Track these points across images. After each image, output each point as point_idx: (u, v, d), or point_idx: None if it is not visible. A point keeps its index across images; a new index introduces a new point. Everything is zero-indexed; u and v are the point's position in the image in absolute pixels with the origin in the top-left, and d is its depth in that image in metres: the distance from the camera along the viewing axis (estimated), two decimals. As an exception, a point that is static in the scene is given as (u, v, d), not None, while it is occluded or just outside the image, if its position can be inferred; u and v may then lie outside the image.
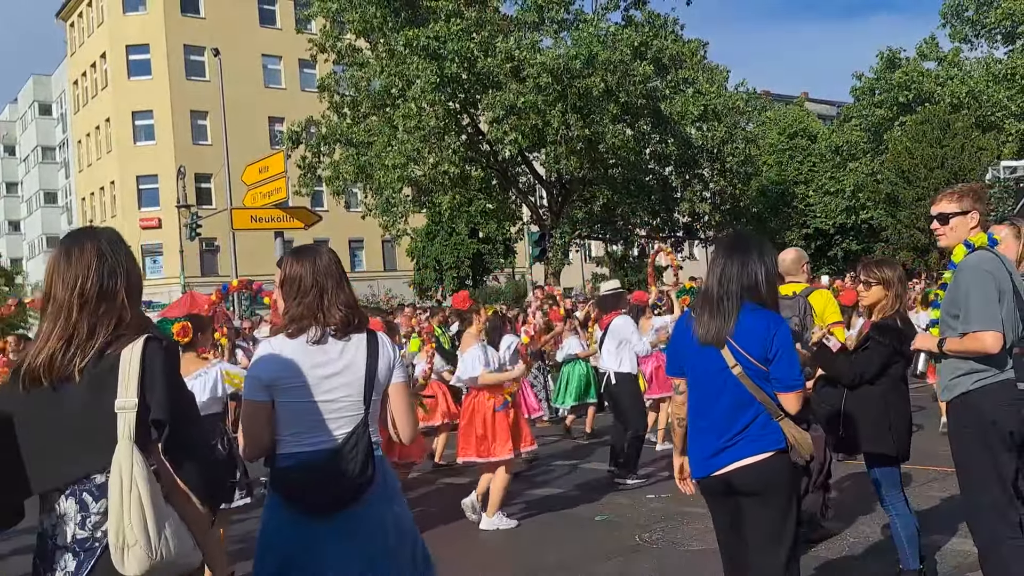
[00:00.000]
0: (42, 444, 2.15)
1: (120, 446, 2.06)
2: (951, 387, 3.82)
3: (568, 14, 24.43)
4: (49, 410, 2.14)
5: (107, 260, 2.22)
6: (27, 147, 61.73)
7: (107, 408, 2.10)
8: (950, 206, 3.93)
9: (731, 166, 27.28)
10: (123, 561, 2.03)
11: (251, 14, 43.61)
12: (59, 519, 2.14)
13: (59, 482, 2.15)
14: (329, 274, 2.85)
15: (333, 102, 25.17)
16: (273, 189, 12.11)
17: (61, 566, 2.13)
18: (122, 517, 2.03)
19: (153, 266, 41.44)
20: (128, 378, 2.11)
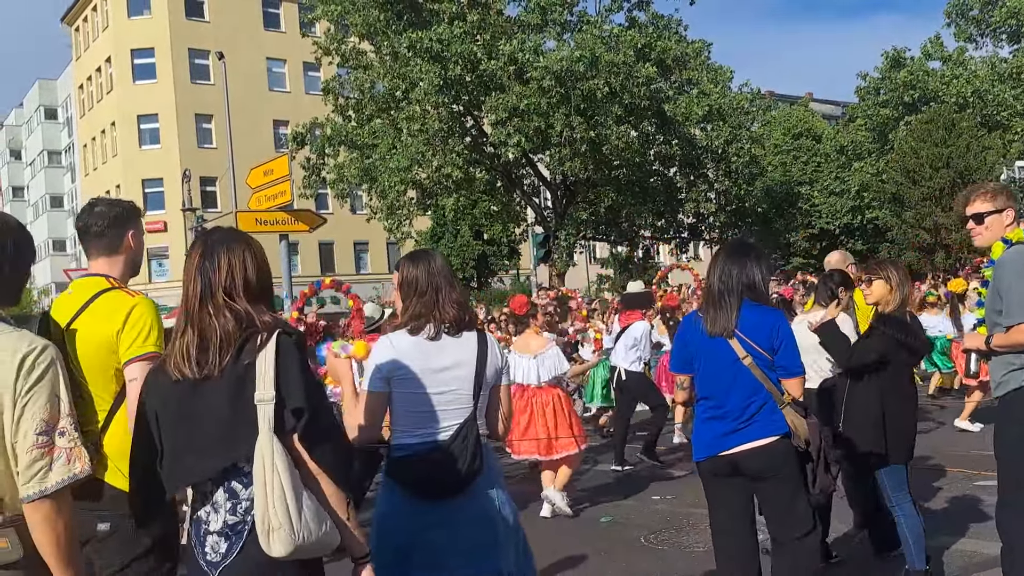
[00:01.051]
0: (193, 437, 2.28)
1: (261, 436, 2.19)
2: (1003, 383, 3.78)
3: (571, 16, 24.45)
4: (196, 405, 2.27)
5: (248, 264, 2.37)
6: (33, 151, 61.94)
7: (249, 401, 2.23)
8: (985, 205, 3.92)
9: (736, 167, 27.23)
10: (269, 544, 2.16)
11: (255, 18, 43.73)
12: (212, 507, 2.29)
13: (209, 473, 2.28)
14: (443, 275, 3.05)
15: (337, 105, 25.22)
16: (278, 192, 12.13)
17: (214, 548, 2.28)
18: (266, 502, 2.16)
19: (159, 269, 41.56)
20: (265, 372, 2.23)
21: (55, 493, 2.08)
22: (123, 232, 3.00)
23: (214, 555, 2.27)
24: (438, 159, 22.76)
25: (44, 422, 2.11)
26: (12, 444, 2.07)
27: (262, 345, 2.26)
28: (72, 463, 2.13)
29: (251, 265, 2.36)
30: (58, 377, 2.16)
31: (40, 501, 2.06)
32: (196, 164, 38.55)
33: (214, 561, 2.27)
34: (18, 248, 2.36)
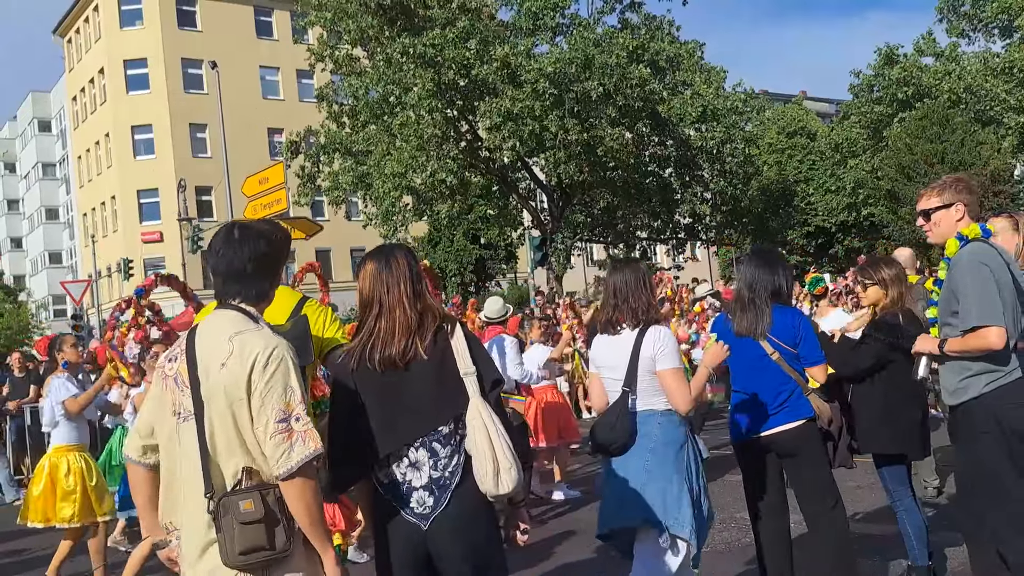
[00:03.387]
0: (399, 411, 2.77)
1: (473, 401, 2.74)
2: (961, 390, 3.61)
3: (563, 19, 24.46)
4: (405, 384, 2.78)
5: (413, 268, 2.89)
6: (27, 164, 61.83)
7: (449, 376, 2.77)
8: (932, 200, 3.80)
9: (731, 167, 27.25)
10: (497, 483, 2.67)
11: (248, 26, 43.73)
12: (411, 467, 2.76)
13: (416, 436, 2.76)
14: (629, 283, 3.80)
15: (331, 111, 25.21)
16: (274, 200, 12.16)
17: (419, 502, 2.74)
18: (493, 451, 2.68)
19: (156, 280, 41.48)
20: (462, 352, 2.80)
21: (300, 469, 2.42)
22: None
23: (421, 508, 2.74)
24: (433, 164, 22.76)
25: (281, 411, 2.43)
26: (255, 430, 2.44)
27: (451, 331, 2.83)
28: (307, 443, 2.45)
29: (416, 267, 2.91)
30: (289, 371, 2.47)
31: (290, 478, 2.42)
32: (191, 174, 38.51)
33: (423, 513, 2.74)
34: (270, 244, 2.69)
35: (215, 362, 2.46)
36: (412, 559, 2.77)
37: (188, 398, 2.49)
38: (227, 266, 2.59)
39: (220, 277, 2.61)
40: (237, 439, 2.45)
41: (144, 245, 40.85)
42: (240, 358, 2.43)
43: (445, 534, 2.72)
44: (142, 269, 39.66)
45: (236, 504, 2.38)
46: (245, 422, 2.44)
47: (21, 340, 40.88)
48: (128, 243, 40.78)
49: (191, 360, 2.51)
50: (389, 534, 2.79)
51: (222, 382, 2.44)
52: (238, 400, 2.43)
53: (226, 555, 2.38)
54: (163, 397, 2.60)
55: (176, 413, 2.54)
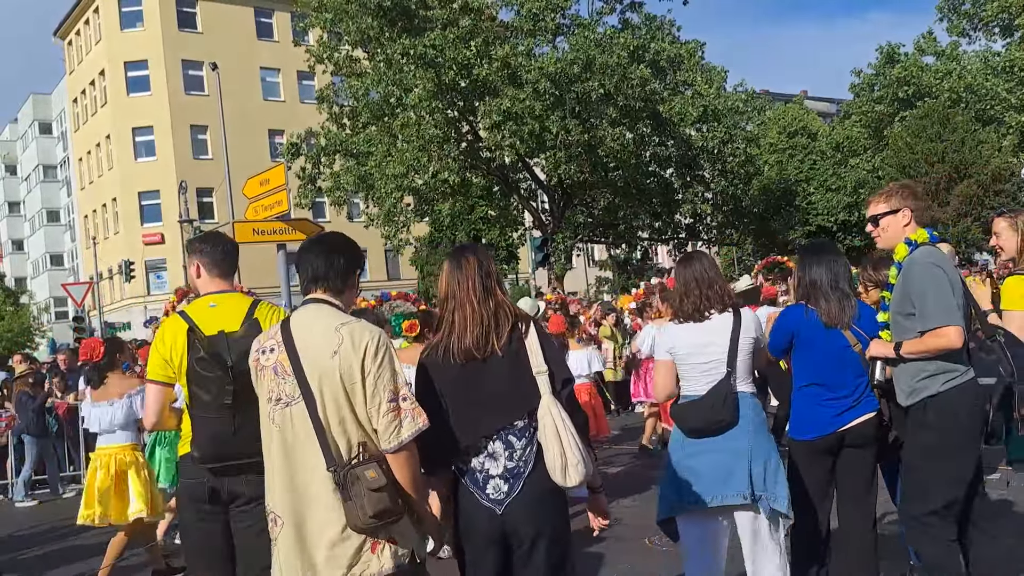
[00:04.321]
0: (478, 404, 2.96)
1: (544, 398, 2.92)
2: (919, 389, 3.68)
3: (564, 19, 24.46)
4: (482, 379, 2.97)
5: (483, 266, 3.07)
6: (28, 166, 61.91)
7: (523, 373, 2.95)
8: (879, 207, 3.89)
9: (732, 167, 27.26)
10: (566, 475, 2.87)
11: (248, 28, 43.75)
12: (488, 457, 2.98)
13: (493, 430, 2.96)
14: (705, 272, 3.88)
15: (332, 113, 25.22)
16: (275, 202, 12.10)
17: (495, 489, 2.96)
18: (562, 445, 2.87)
19: (157, 281, 41.49)
20: (535, 351, 2.97)
21: (408, 443, 2.73)
22: None
23: (497, 494, 2.96)
24: (434, 165, 22.76)
25: (391, 392, 2.73)
26: (367, 409, 2.73)
27: (526, 330, 3.00)
28: (415, 419, 2.75)
29: (488, 265, 3.10)
30: (394, 357, 2.78)
31: (399, 451, 2.72)
32: (192, 175, 38.54)
33: (498, 499, 2.96)
34: (344, 249, 3.04)
35: (325, 351, 2.75)
36: (488, 541, 2.99)
37: (291, 385, 2.78)
38: (313, 268, 2.95)
39: (308, 276, 2.96)
40: (351, 417, 2.75)
41: (145, 247, 40.86)
42: (353, 346, 2.73)
43: (519, 519, 2.95)
44: (143, 271, 39.69)
45: (363, 474, 2.66)
46: (359, 402, 2.73)
47: (23, 343, 40.90)
48: (129, 245, 40.80)
49: (291, 350, 2.80)
50: (467, 518, 3.02)
51: (336, 368, 2.73)
52: (351, 384, 2.73)
53: (357, 519, 2.67)
54: (259, 386, 2.90)
55: (275, 400, 2.82)
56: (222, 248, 3.82)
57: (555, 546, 2.98)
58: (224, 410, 3.33)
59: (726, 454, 3.71)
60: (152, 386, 3.61)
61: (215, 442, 3.37)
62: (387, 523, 2.70)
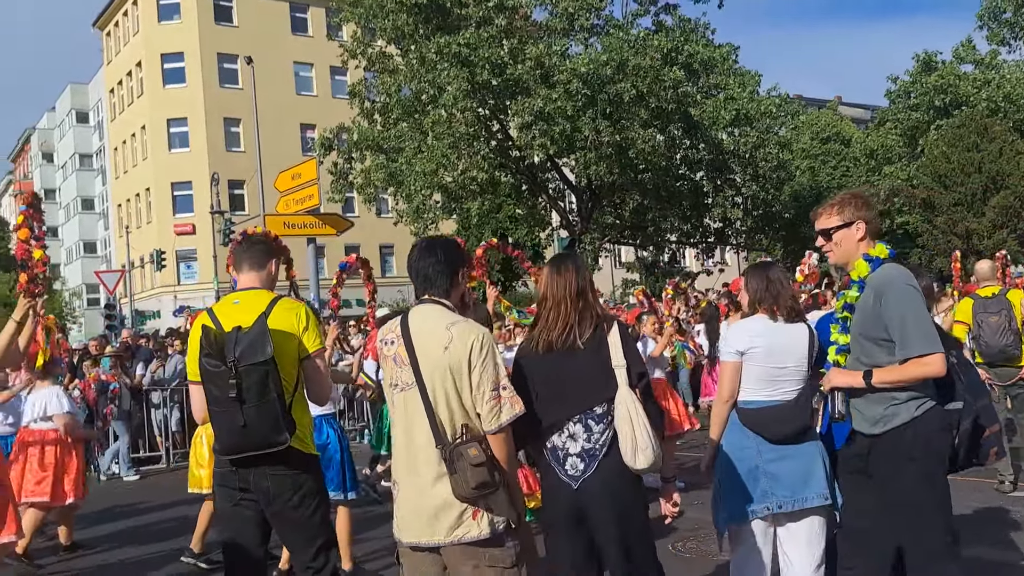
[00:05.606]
0: (560, 389, 3.36)
1: (621, 389, 3.32)
2: (888, 417, 3.44)
3: (598, 20, 24.39)
4: (564, 368, 3.38)
5: (580, 272, 3.51)
6: (65, 154, 62.75)
7: (602, 366, 3.36)
8: (831, 220, 3.61)
9: (763, 171, 27.03)
10: (636, 459, 3.24)
11: (283, 22, 44.06)
12: (569, 437, 3.38)
13: (574, 412, 3.36)
14: (781, 279, 3.98)
15: (364, 108, 25.31)
16: (306, 196, 12.21)
17: (572, 466, 3.36)
18: (634, 432, 3.24)
19: (187, 271, 41.92)
20: (615, 347, 3.37)
21: (506, 426, 3.12)
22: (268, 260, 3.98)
23: (574, 471, 3.35)
24: (464, 163, 22.78)
25: (493, 382, 3.11)
26: (472, 396, 3.12)
27: (608, 328, 3.42)
28: (513, 406, 3.13)
29: (584, 274, 3.52)
30: (495, 351, 3.16)
31: (498, 432, 3.12)
32: (224, 167, 38.87)
33: (574, 475, 3.35)
34: (451, 254, 3.35)
35: (437, 345, 3.14)
36: (566, 512, 3.37)
37: (408, 373, 3.18)
38: (418, 272, 3.30)
39: (418, 280, 3.32)
40: (457, 402, 3.13)
41: (177, 237, 41.30)
42: (461, 342, 3.11)
43: (593, 494, 3.31)
44: (174, 260, 40.11)
45: (466, 451, 3.04)
46: (465, 390, 3.12)
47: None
48: (161, 234, 41.26)
49: (408, 343, 3.19)
50: (549, 489, 3.45)
51: (446, 361, 3.12)
52: (460, 375, 3.12)
53: (461, 489, 3.04)
54: (384, 373, 3.35)
55: (394, 385, 3.24)
56: (253, 246, 3.97)
57: (629, 522, 3.33)
58: (232, 403, 3.43)
59: (805, 458, 3.82)
60: (193, 386, 3.77)
61: (228, 435, 3.51)
62: (485, 494, 3.06)
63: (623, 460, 3.27)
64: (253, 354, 3.42)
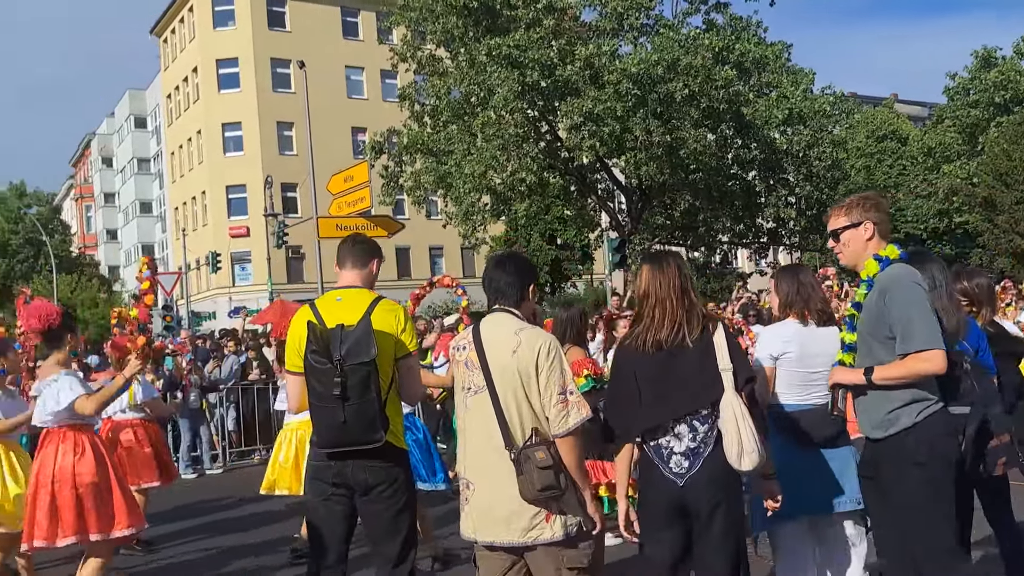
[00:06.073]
0: (668, 390, 3.35)
1: (727, 393, 3.28)
2: (890, 421, 3.41)
3: (648, 20, 24.23)
4: (674, 368, 3.35)
5: (682, 270, 3.48)
6: (123, 159, 64.26)
7: (709, 368, 3.32)
8: (839, 220, 3.67)
9: (817, 171, 26.58)
10: (741, 461, 3.23)
11: (334, 26, 44.58)
12: (673, 436, 3.36)
13: (680, 413, 3.34)
14: (812, 283, 4.07)
15: (414, 111, 25.49)
16: (358, 198, 12.35)
17: (676, 464, 3.35)
18: (740, 435, 3.22)
19: (242, 273, 42.64)
20: (722, 349, 3.33)
21: (574, 430, 3.20)
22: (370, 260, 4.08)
23: (679, 468, 3.34)
24: (512, 164, 22.80)
25: (561, 387, 3.21)
26: (541, 400, 3.21)
27: (714, 330, 3.37)
28: (580, 410, 3.22)
29: (684, 271, 3.48)
30: (562, 357, 3.27)
31: (566, 436, 3.20)
32: (278, 170, 39.43)
33: (679, 473, 3.34)
34: (524, 270, 3.52)
35: (506, 351, 3.27)
36: (669, 508, 3.37)
37: (479, 376, 3.31)
38: (492, 284, 3.47)
39: (491, 292, 3.48)
40: (526, 406, 3.24)
41: (232, 239, 42.02)
42: (529, 348, 3.23)
43: (697, 491, 3.31)
44: (229, 262, 40.83)
45: (534, 454, 3.13)
46: (533, 394, 3.22)
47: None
48: (216, 237, 42.02)
49: (479, 349, 3.33)
50: (650, 486, 3.42)
51: (515, 366, 3.25)
52: (528, 378, 3.22)
53: (528, 491, 3.13)
54: (455, 377, 3.46)
55: (466, 388, 3.37)
56: (358, 245, 4.06)
57: (729, 520, 3.33)
58: (334, 400, 3.50)
59: (838, 461, 3.86)
60: (291, 376, 3.88)
61: (328, 430, 3.60)
62: (552, 497, 3.13)
63: (726, 460, 3.28)
64: (358, 354, 3.48)
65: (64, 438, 5.00)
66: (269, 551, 6.95)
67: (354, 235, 4.28)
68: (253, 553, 7.07)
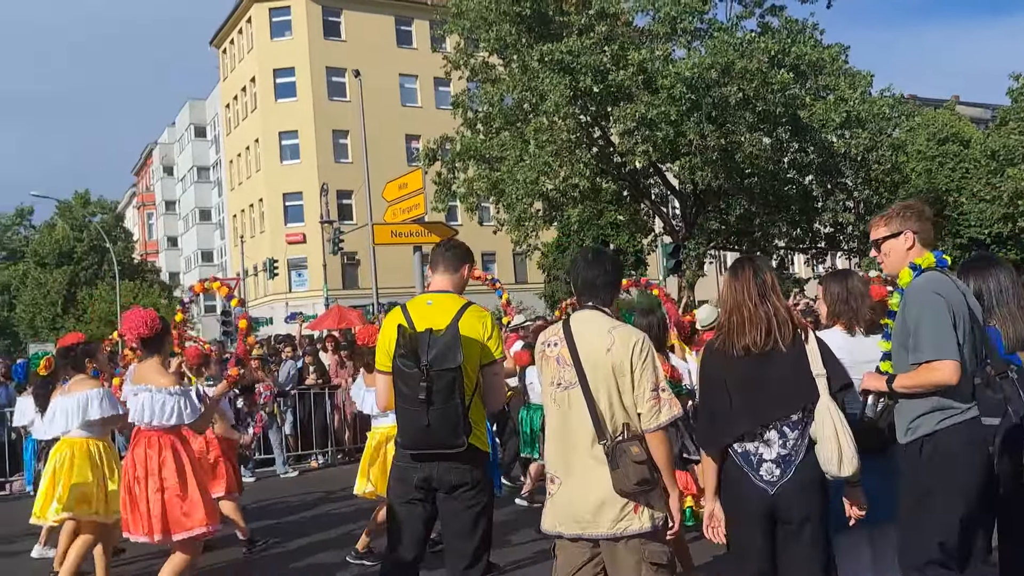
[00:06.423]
0: (758, 396, 3.32)
1: (823, 398, 3.27)
2: (912, 429, 3.47)
3: (701, 24, 24.05)
4: (761, 373, 3.33)
5: (759, 275, 3.46)
6: (184, 167, 65.76)
7: (803, 373, 3.30)
8: (879, 230, 3.71)
9: (876, 174, 26.06)
10: (840, 467, 3.21)
11: (389, 35, 45.08)
12: (763, 443, 3.33)
13: (770, 419, 3.31)
14: (864, 292, 4.08)
15: (467, 118, 25.63)
16: (412, 205, 12.45)
17: (767, 471, 3.32)
18: (839, 441, 3.20)
19: (298, 279, 43.28)
20: (814, 354, 3.33)
21: (665, 426, 3.31)
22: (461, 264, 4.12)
23: (769, 476, 3.32)
24: (565, 170, 22.79)
25: (653, 383, 3.31)
26: (633, 396, 3.30)
27: (806, 335, 3.37)
28: (672, 407, 3.32)
29: (764, 275, 3.46)
30: (654, 354, 3.37)
31: (657, 431, 3.30)
32: (333, 178, 40.01)
33: (770, 480, 3.32)
34: (614, 267, 3.60)
35: (599, 348, 3.34)
36: (759, 517, 3.34)
37: (570, 372, 3.38)
38: (584, 281, 3.52)
39: (584, 288, 3.52)
40: (618, 401, 3.32)
41: (288, 246, 42.70)
42: (623, 345, 3.32)
43: (788, 500, 3.29)
44: (286, 269, 41.49)
45: (629, 449, 3.22)
46: (626, 390, 3.31)
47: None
48: (273, 244, 42.73)
49: (571, 345, 3.39)
50: (738, 495, 3.39)
51: (609, 362, 3.33)
52: (622, 375, 3.31)
53: (622, 484, 3.20)
54: (544, 372, 3.52)
55: (556, 384, 3.43)
56: (451, 250, 4.12)
57: (819, 527, 3.31)
58: (419, 404, 3.57)
59: (886, 471, 3.79)
60: (380, 375, 3.96)
61: (412, 432, 3.68)
62: (645, 491, 3.21)
63: (818, 466, 3.26)
64: (444, 360, 3.55)
65: (152, 441, 5.14)
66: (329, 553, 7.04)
67: (447, 240, 4.35)
68: (310, 554, 7.16)
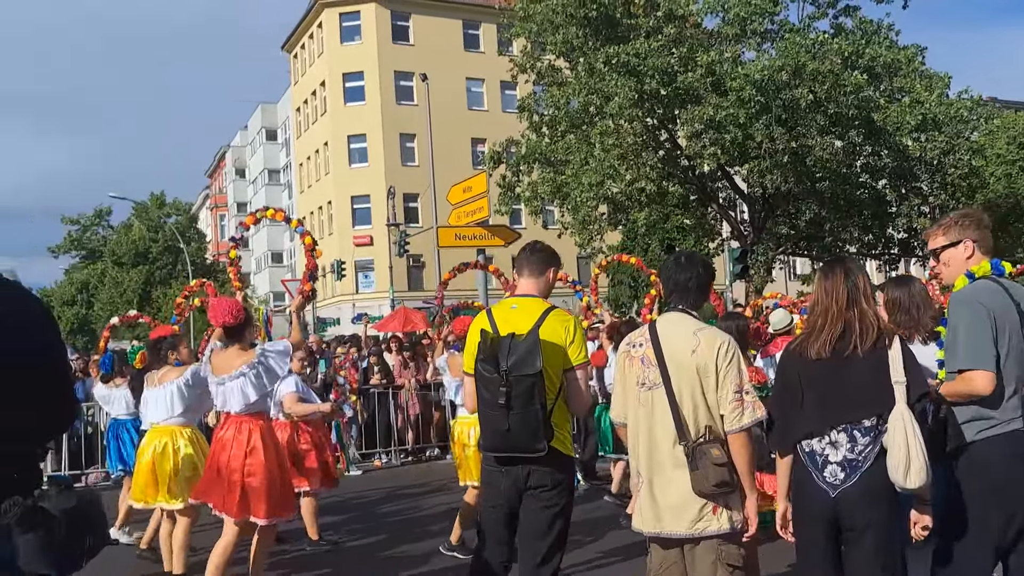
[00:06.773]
0: (829, 396, 3.30)
1: (899, 406, 3.18)
2: (954, 437, 3.47)
3: (772, 25, 23.65)
4: (838, 375, 3.30)
5: (850, 277, 3.41)
6: (255, 170, 67.15)
7: (881, 379, 3.24)
8: (938, 240, 3.67)
9: (953, 179, 25.28)
10: (907, 476, 3.12)
11: (456, 39, 45.38)
12: (830, 444, 3.30)
13: (840, 421, 3.28)
14: (925, 299, 4.15)
15: (532, 122, 25.65)
16: (476, 208, 12.52)
17: (831, 473, 3.29)
18: (909, 451, 3.10)
19: (365, 281, 43.85)
20: (896, 361, 3.25)
21: (748, 428, 3.34)
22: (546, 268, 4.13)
23: (833, 479, 3.28)
24: (631, 173, 22.64)
25: (737, 385, 3.35)
26: (717, 398, 3.33)
27: (890, 343, 3.30)
28: (755, 410, 3.36)
29: (856, 278, 3.41)
30: (739, 357, 3.40)
31: (739, 433, 3.34)
32: (400, 181, 40.41)
33: (834, 483, 3.28)
34: (706, 271, 3.63)
35: (685, 349, 3.40)
36: (820, 518, 3.33)
37: (654, 373, 3.45)
38: (676, 283, 3.57)
39: (675, 290, 3.57)
40: (702, 403, 3.37)
41: (356, 248, 43.29)
42: (709, 347, 3.36)
43: (850, 505, 3.25)
44: (353, 270, 42.08)
45: (709, 451, 3.25)
46: (710, 391, 3.35)
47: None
48: (341, 246, 43.36)
49: (656, 346, 3.46)
50: (802, 494, 3.39)
51: (694, 363, 3.38)
52: (706, 377, 3.35)
53: (701, 486, 3.25)
54: (628, 373, 3.58)
55: (641, 384, 3.50)
56: (536, 253, 4.13)
57: (884, 535, 3.26)
58: (499, 408, 3.60)
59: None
60: (467, 377, 3.99)
61: (492, 435, 3.73)
62: (724, 493, 3.25)
63: (886, 474, 3.18)
64: (523, 366, 3.56)
65: (243, 427, 5.23)
66: (413, 546, 7.18)
67: (532, 243, 4.30)
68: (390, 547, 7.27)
